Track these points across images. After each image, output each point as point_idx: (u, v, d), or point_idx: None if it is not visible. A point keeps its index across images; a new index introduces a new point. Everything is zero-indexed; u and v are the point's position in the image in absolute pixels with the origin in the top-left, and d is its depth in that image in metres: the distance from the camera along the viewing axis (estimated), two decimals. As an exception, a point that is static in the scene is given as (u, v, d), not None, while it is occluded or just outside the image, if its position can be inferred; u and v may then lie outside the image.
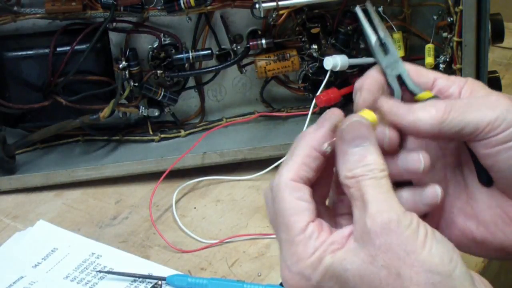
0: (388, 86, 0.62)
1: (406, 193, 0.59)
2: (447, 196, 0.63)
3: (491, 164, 0.59)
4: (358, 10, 0.65)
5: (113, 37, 1.06)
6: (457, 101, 0.60)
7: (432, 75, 0.63)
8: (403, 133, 0.60)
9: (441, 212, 0.63)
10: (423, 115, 0.58)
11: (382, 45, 0.64)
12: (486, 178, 0.62)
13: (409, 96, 0.62)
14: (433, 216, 0.62)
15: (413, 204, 0.59)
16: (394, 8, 1.09)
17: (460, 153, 0.63)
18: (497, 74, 1.07)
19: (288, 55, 1.07)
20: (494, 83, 1.05)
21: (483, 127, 0.58)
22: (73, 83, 1.05)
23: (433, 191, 0.59)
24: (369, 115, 0.59)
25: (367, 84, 0.61)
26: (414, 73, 0.62)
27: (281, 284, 0.87)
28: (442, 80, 0.62)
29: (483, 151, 0.59)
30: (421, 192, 0.59)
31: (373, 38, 0.63)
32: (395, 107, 0.59)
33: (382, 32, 0.64)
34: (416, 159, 0.59)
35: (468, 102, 0.60)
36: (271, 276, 0.90)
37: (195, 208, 1.02)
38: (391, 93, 0.62)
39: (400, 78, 0.62)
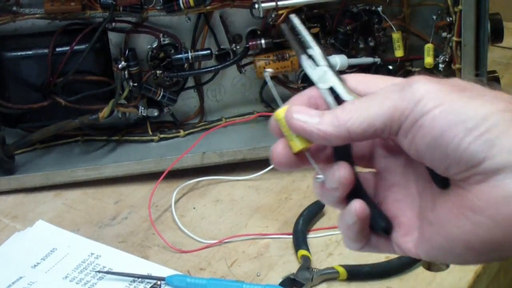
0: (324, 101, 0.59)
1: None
2: (416, 209, 0.59)
3: (415, 150, 0.54)
4: (284, 26, 0.62)
5: (112, 37, 1.06)
6: (363, 98, 0.56)
7: (382, 83, 0.58)
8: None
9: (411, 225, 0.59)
10: (327, 117, 0.56)
11: (311, 58, 0.59)
12: (440, 180, 0.56)
13: None
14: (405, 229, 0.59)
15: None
16: (394, 8, 1.09)
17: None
18: (497, 74, 1.07)
19: (287, 55, 1.07)
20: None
21: (392, 115, 0.54)
22: (72, 83, 1.05)
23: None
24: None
25: (295, 100, 0.59)
26: (362, 84, 0.58)
27: (280, 284, 0.87)
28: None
29: (404, 142, 0.55)
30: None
31: (300, 53, 0.59)
32: (301, 112, 0.57)
33: (311, 45, 0.59)
34: (333, 176, 0.58)
35: (374, 93, 0.56)
36: (270, 276, 0.89)
37: (194, 208, 1.02)
38: (328, 108, 0.58)
39: (333, 90, 0.58)
